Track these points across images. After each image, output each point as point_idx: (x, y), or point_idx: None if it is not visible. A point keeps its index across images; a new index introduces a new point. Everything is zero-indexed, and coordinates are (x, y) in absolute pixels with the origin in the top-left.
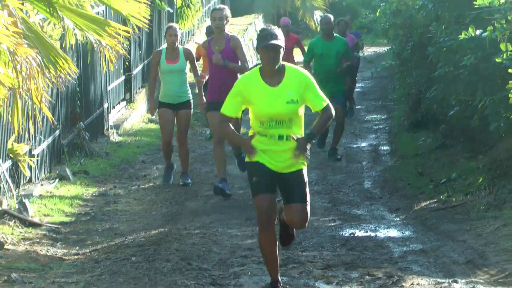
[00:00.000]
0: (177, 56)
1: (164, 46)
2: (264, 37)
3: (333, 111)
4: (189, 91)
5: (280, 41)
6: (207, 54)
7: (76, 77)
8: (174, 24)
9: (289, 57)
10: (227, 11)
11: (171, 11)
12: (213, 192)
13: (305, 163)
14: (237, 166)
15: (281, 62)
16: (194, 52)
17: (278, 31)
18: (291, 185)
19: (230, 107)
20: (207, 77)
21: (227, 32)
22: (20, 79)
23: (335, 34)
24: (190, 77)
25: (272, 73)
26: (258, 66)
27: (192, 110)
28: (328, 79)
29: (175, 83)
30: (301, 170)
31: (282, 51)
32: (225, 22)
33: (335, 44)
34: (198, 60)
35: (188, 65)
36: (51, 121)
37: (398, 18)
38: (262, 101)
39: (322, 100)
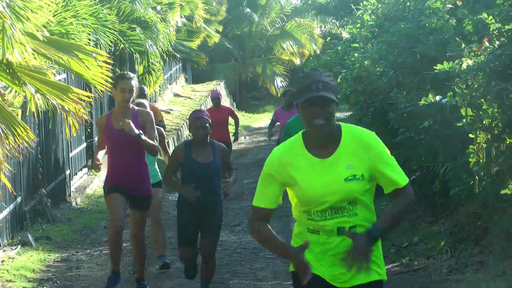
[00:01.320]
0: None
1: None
2: (307, 86)
3: (413, 194)
4: (159, 173)
5: (332, 92)
6: (106, 131)
7: (35, 146)
8: (144, 101)
9: (223, 132)
10: (136, 81)
11: (136, 66)
12: None
13: (382, 272)
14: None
15: (336, 123)
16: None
17: (328, 77)
18: None
19: (266, 196)
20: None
21: (133, 106)
22: None
23: None
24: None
25: (322, 140)
26: (301, 132)
27: (163, 190)
28: None
29: None
30: (380, 282)
31: (335, 107)
32: (133, 95)
33: None
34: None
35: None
36: (10, 191)
37: (359, 84)
38: (309, 181)
39: (399, 176)
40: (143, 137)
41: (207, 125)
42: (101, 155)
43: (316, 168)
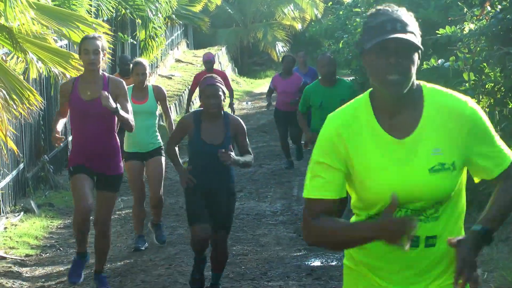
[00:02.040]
0: (146, 95)
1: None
2: (379, 26)
3: None
4: (159, 137)
5: (414, 35)
6: (72, 101)
7: (42, 109)
8: (142, 60)
9: None
10: (104, 41)
11: (135, 42)
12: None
13: None
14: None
15: (415, 82)
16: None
17: (408, 16)
18: None
19: (321, 182)
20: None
21: (102, 72)
22: None
23: (337, 77)
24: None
25: (397, 106)
26: (369, 92)
27: (164, 157)
28: None
29: (144, 127)
30: None
31: (416, 58)
32: (101, 57)
33: (338, 90)
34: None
35: (159, 107)
36: (16, 154)
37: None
38: (378, 169)
39: (504, 157)
40: (121, 112)
41: (219, 93)
42: (61, 125)
43: (388, 153)
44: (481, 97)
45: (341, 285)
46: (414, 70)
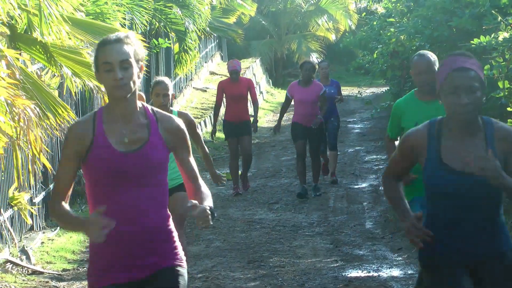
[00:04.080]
0: None
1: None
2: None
3: None
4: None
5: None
6: (94, 152)
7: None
8: (163, 79)
9: (241, 108)
10: (137, 44)
11: (171, 45)
12: None
13: None
14: None
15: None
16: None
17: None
18: None
19: None
20: None
21: (142, 103)
22: (18, 130)
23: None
24: None
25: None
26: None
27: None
28: None
29: None
30: None
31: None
32: (136, 73)
33: (439, 104)
34: None
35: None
36: (50, 172)
37: (396, 60)
38: None
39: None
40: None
41: (476, 84)
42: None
43: None
44: None
45: None
46: None
